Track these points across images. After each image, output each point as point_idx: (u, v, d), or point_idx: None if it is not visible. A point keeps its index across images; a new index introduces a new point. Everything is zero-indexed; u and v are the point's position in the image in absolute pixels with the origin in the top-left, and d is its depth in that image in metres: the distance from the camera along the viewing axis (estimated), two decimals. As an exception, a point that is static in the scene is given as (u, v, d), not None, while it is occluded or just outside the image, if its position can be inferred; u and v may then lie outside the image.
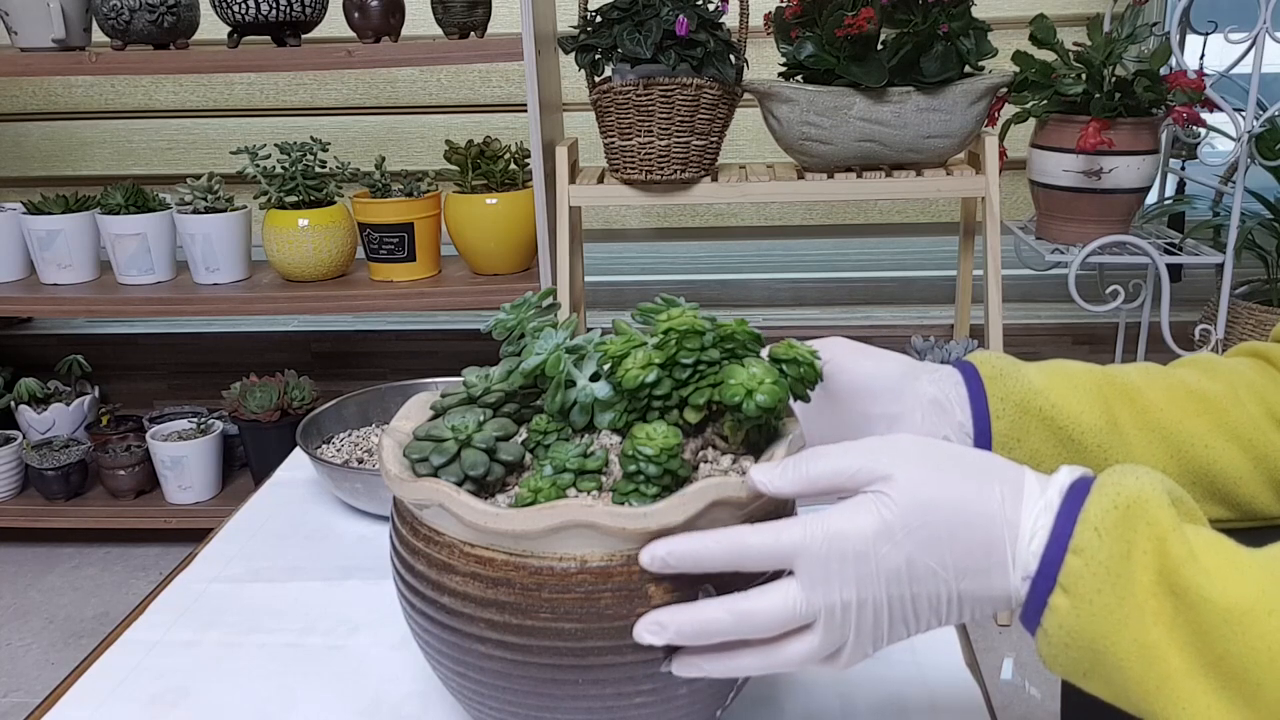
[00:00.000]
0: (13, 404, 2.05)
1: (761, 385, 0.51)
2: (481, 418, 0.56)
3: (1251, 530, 0.63)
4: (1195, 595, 0.42)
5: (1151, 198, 1.86)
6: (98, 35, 1.77)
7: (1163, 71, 1.58)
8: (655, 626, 0.48)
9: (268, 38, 1.71)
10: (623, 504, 0.50)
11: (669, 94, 1.47)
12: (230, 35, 1.70)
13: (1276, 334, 0.66)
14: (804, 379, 0.55)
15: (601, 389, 0.55)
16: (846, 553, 0.46)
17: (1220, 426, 0.61)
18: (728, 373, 0.53)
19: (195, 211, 1.82)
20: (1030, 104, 1.63)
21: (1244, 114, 1.58)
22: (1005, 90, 1.60)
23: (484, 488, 0.53)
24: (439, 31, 1.74)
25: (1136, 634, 0.43)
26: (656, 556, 0.47)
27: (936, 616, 0.47)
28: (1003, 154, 1.58)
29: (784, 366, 0.55)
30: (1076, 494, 0.47)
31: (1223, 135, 1.68)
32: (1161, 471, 0.60)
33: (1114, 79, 1.57)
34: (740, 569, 0.48)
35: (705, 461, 0.54)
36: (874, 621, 0.47)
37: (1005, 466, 0.49)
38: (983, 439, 0.62)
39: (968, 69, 1.52)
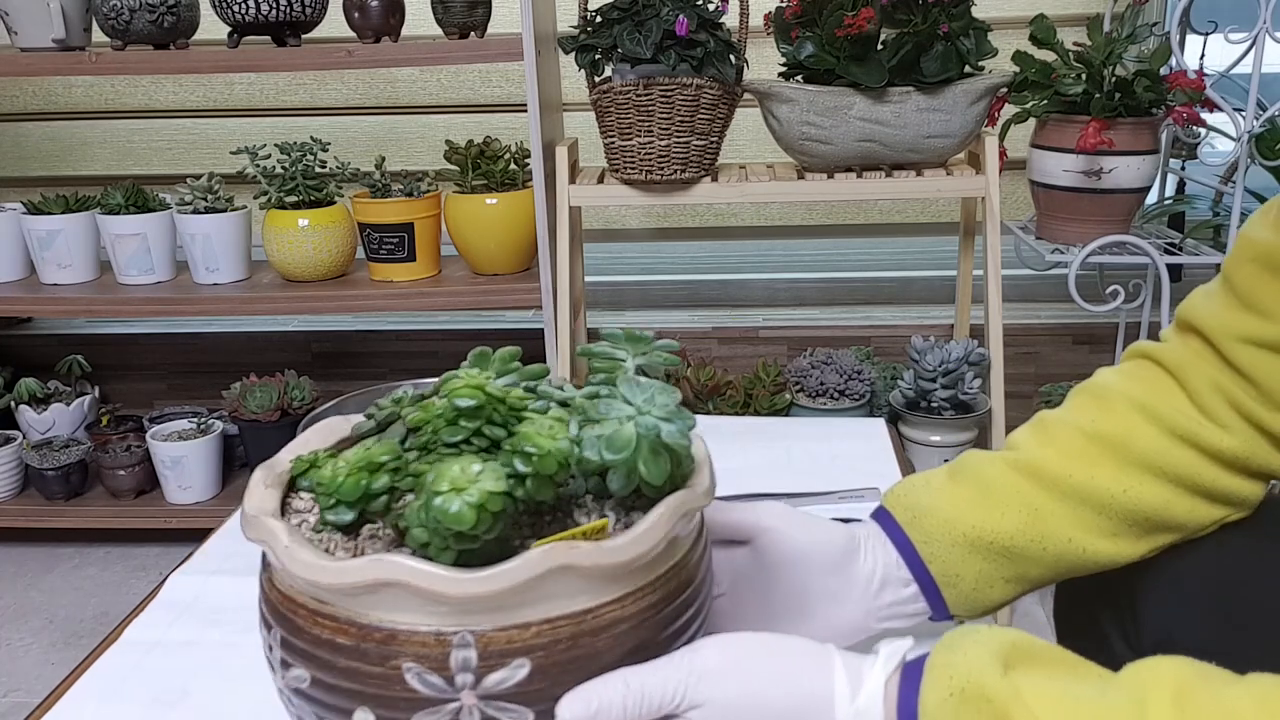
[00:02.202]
0: (13, 404, 2.05)
1: (472, 486, 0.44)
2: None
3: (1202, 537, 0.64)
4: None
5: (1151, 198, 1.86)
6: (98, 35, 1.77)
7: (1163, 71, 1.58)
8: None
9: (268, 38, 1.71)
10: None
11: (669, 94, 1.47)
12: (230, 35, 1.70)
13: (1180, 313, 0.66)
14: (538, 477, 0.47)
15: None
16: None
17: (1127, 463, 0.62)
18: (438, 472, 0.45)
19: (195, 211, 1.82)
20: (1030, 104, 1.63)
21: (1244, 114, 1.58)
22: (1005, 90, 1.60)
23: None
24: (439, 31, 1.74)
25: None
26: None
27: None
28: (1003, 154, 1.58)
29: (522, 459, 0.46)
30: (910, 681, 0.47)
31: (1223, 135, 1.68)
32: (1097, 529, 0.61)
33: (1114, 79, 1.57)
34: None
35: (582, 509, 0.52)
36: None
37: (816, 671, 0.49)
38: (927, 584, 0.63)
39: (968, 69, 1.52)
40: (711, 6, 1.47)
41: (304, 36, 1.74)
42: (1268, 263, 0.60)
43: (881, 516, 0.65)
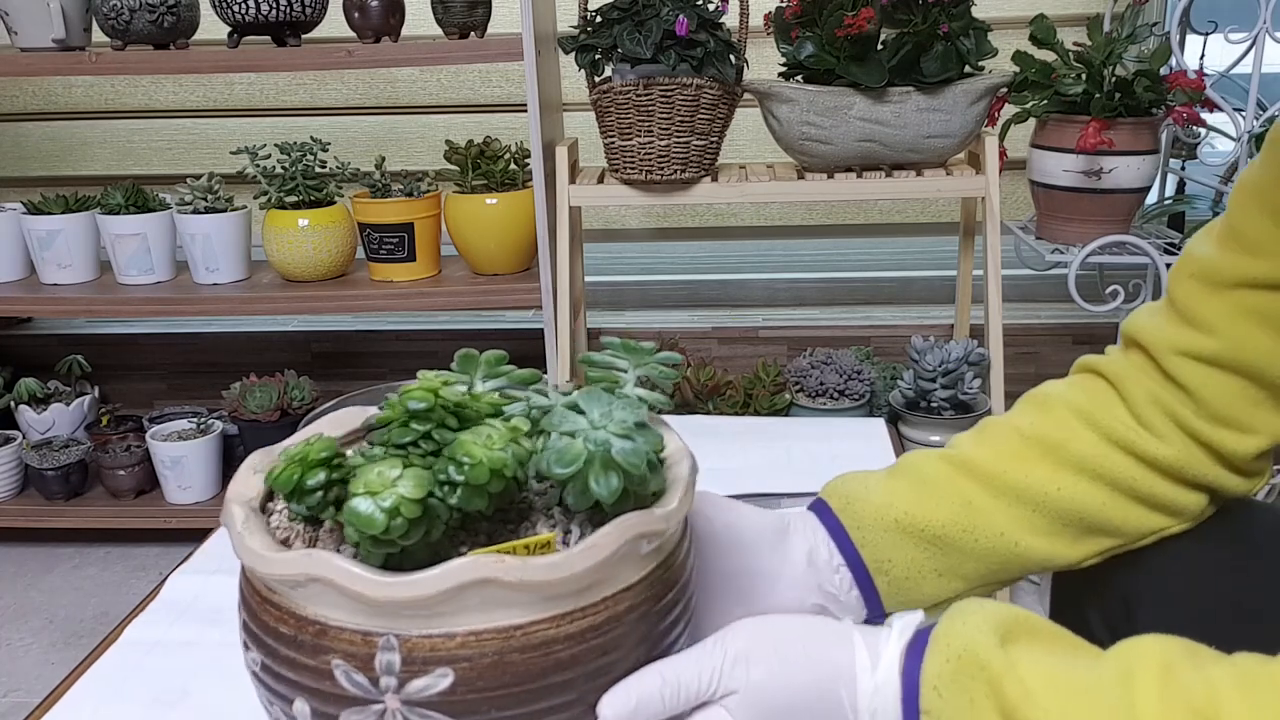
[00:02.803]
0: (13, 404, 2.05)
1: (386, 491, 0.44)
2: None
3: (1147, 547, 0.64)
4: None
5: (1151, 198, 1.86)
6: (98, 35, 1.77)
7: (1163, 71, 1.58)
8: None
9: (268, 38, 1.71)
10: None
11: (669, 94, 1.47)
12: (230, 35, 1.70)
13: (1124, 328, 0.67)
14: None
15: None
16: None
17: (1063, 464, 0.63)
18: (359, 474, 0.46)
19: (195, 211, 1.82)
20: (1030, 104, 1.63)
21: (1244, 114, 1.58)
22: (1005, 90, 1.60)
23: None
24: (439, 31, 1.74)
25: None
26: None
27: None
28: (1003, 154, 1.58)
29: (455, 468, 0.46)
30: (916, 652, 0.49)
31: (1223, 135, 1.68)
32: (1030, 526, 0.62)
33: (1114, 79, 1.57)
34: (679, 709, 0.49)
35: (549, 520, 0.51)
36: None
37: (838, 648, 0.50)
38: (859, 570, 0.63)
39: (968, 69, 1.52)
40: (711, 6, 1.47)
41: (304, 36, 1.74)
42: (1205, 278, 0.61)
43: (815, 505, 0.66)
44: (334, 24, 1.75)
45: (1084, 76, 1.58)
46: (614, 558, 0.46)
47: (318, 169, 1.80)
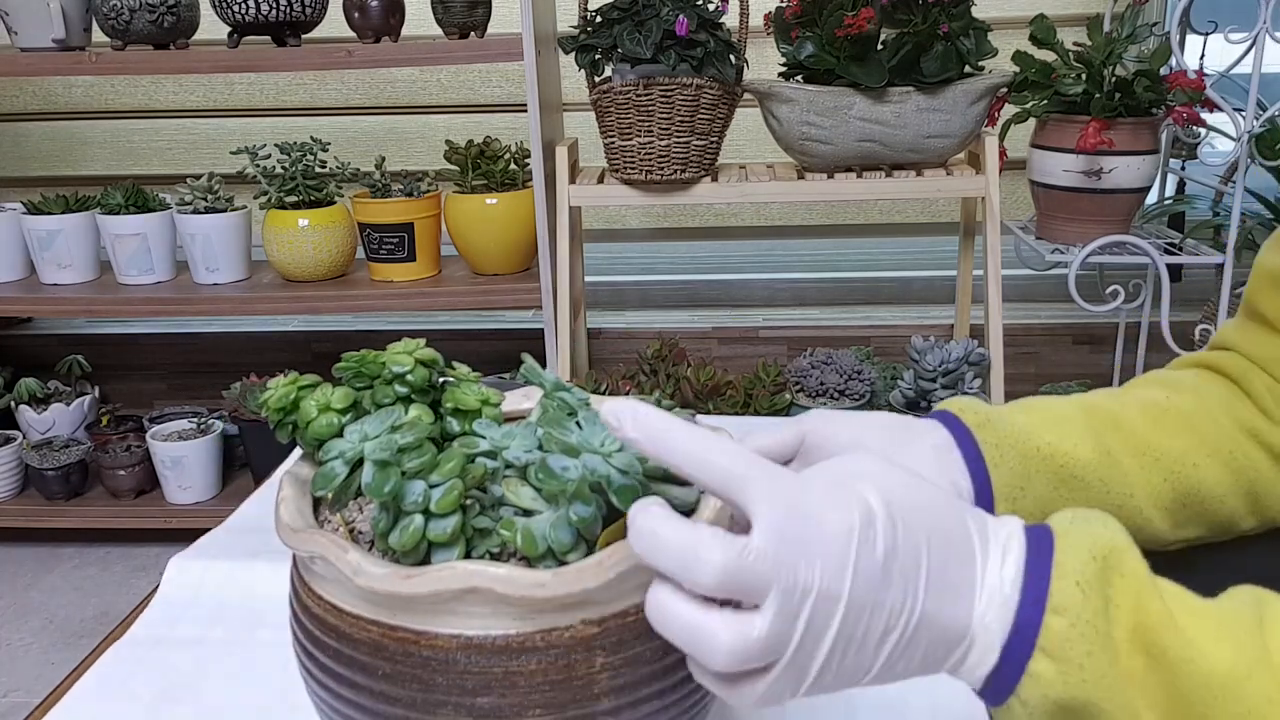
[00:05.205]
0: (13, 404, 2.05)
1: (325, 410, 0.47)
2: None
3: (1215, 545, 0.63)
4: (1174, 657, 0.40)
5: (1151, 198, 1.86)
6: (98, 35, 1.77)
7: (1163, 71, 1.58)
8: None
9: (268, 38, 1.71)
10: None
11: (669, 94, 1.47)
12: (230, 35, 1.70)
13: (1214, 341, 0.66)
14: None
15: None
16: (813, 535, 0.39)
17: (1202, 443, 0.60)
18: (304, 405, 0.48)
19: (195, 211, 1.82)
20: (1030, 104, 1.63)
21: (1244, 114, 1.58)
22: (1005, 90, 1.60)
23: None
24: (439, 31, 1.74)
25: (1126, 699, 0.40)
26: (624, 417, 0.40)
27: (879, 651, 0.40)
28: (1003, 154, 1.58)
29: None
30: (1036, 544, 0.42)
31: (1223, 135, 1.68)
32: (1157, 496, 0.59)
33: (1114, 79, 1.57)
34: (693, 477, 0.40)
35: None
36: (821, 629, 0.39)
37: (963, 528, 0.43)
38: (983, 492, 0.56)
39: (968, 69, 1.52)
40: (711, 6, 1.47)
41: (304, 36, 1.74)
42: None
43: (941, 415, 0.58)
44: (334, 24, 1.75)
45: (1084, 76, 1.58)
46: (608, 583, 0.43)
47: (318, 169, 1.80)
